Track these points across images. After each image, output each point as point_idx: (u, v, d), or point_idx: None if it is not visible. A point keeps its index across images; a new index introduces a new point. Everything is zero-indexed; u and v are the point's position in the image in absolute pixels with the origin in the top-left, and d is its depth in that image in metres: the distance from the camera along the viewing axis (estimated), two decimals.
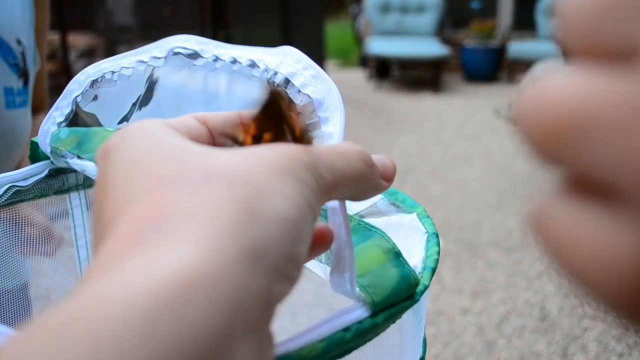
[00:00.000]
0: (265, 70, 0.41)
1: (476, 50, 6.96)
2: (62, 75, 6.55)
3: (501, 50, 6.97)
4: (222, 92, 0.45)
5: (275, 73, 0.40)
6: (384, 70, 7.11)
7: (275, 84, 0.40)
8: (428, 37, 7.06)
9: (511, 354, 2.12)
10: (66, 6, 3.28)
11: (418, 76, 7.33)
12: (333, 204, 0.30)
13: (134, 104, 0.49)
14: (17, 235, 0.59)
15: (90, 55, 6.55)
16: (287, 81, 0.39)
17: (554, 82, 0.14)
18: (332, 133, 0.35)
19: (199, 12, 4.23)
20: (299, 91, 0.38)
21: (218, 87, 0.45)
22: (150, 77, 0.47)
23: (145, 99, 0.48)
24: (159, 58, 0.45)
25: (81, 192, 0.60)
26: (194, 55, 0.44)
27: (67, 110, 0.50)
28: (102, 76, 0.48)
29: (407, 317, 0.35)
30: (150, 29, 7.99)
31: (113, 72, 0.47)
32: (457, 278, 2.64)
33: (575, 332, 2.22)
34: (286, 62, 0.40)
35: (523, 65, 6.54)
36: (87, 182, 0.57)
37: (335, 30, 7.63)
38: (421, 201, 3.43)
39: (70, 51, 6.26)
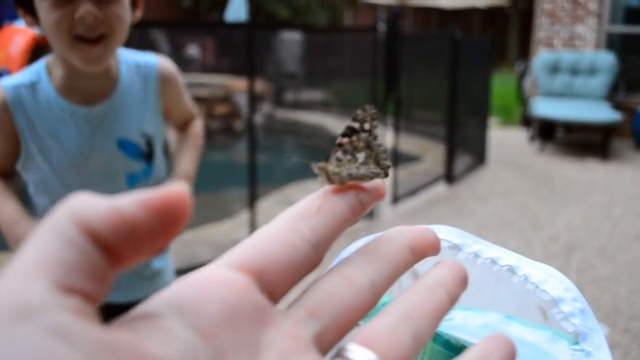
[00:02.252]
0: (525, 279, 0.42)
1: None
2: (234, 118, 6.98)
3: None
4: (488, 286, 0.46)
5: (536, 287, 0.41)
6: (548, 131, 6.87)
7: (539, 297, 0.41)
8: (598, 101, 6.74)
9: None
10: (255, 54, 3.50)
11: (584, 140, 7.01)
12: None
13: None
14: None
15: (260, 99, 6.93)
16: (552, 303, 0.40)
17: None
18: None
19: (368, 66, 4.33)
20: (565, 318, 0.39)
21: (483, 280, 0.46)
22: None
23: None
24: None
25: None
26: (456, 248, 0.46)
27: None
28: None
29: None
30: (315, 78, 8.34)
31: None
32: None
33: None
34: (552, 283, 0.40)
35: None
36: None
37: (496, 85, 7.49)
38: (587, 283, 3.25)
39: (239, 95, 6.66)
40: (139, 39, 3.36)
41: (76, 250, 0.18)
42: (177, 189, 0.20)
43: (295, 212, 0.27)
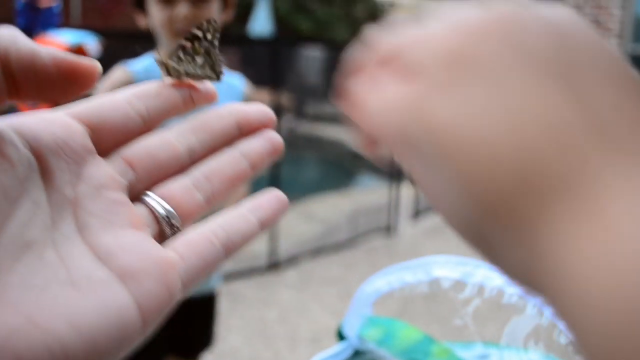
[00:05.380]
0: (539, 312, 0.41)
1: None
2: None
3: None
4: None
5: (553, 323, 0.40)
6: None
7: None
8: None
9: None
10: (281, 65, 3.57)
11: None
12: None
13: None
14: None
15: (279, 112, 6.97)
16: (552, 324, 0.39)
17: None
18: None
19: None
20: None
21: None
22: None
23: None
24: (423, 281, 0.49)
25: None
26: (459, 285, 0.46)
27: (366, 311, 0.55)
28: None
29: None
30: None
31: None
32: None
33: None
34: None
35: None
36: None
37: None
38: None
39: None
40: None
41: None
42: (90, 61, 0.25)
43: (137, 91, 0.31)
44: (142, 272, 0.25)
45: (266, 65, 3.75)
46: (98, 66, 0.25)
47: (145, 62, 1.30)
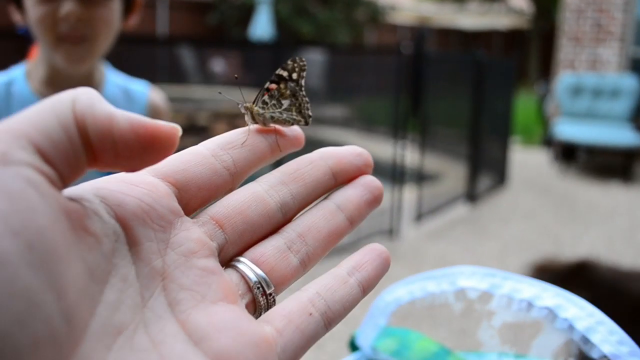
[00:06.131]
0: (570, 327, 0.40)
1: None
2: None
3: None
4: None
5: (585, 338, 0.39)
6: (569, 153, 6.85)
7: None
8: (621, 123, 6.71)
9: None
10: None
11: (606, 163, 6.97)
12: None
13: None
14: None
15: None
16: (584, 339, 0.38)
17: None
18: None
19: (390, 84, 4.36)
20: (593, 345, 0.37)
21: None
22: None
23: None
24: (448, 290, 0.48)
25: None
26: (486, 296, 0.45)
27: (382, 322, 0.55)
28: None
29: None
30: (337, 94, 8.36)
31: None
32: None
33: None
34: (602, 333, 0.38)
35: None
36: None
37: (517, 105, 7.46)
38: None
39: None
40: (168, 54, 3.42)
41: (65, 133, 0.21)
42: (170, 126, 0.23)
43: (222, 141, 0.29)
44: (238, 357, 0.23)
45: (267, 69, 3.74)
46: (178, 130, 0.23)
47: (5, 77, 1.07)
